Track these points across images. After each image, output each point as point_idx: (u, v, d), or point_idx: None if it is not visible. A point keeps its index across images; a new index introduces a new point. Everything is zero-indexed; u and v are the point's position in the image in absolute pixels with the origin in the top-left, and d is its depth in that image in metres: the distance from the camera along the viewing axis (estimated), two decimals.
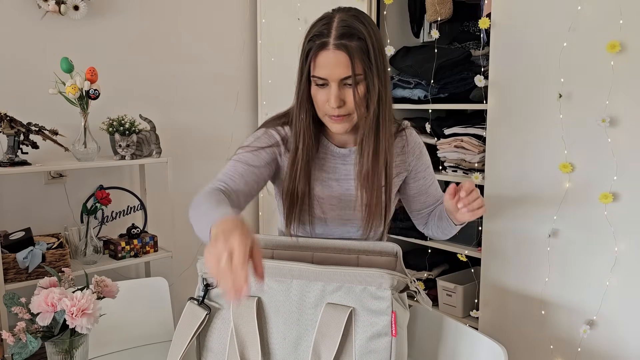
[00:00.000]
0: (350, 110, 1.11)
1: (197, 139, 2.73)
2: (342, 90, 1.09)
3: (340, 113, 1.11)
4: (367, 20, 1.10)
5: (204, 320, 1.06)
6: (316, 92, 1.12)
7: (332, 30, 1.07)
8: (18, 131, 1.96)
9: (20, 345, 1.08)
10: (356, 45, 1.06)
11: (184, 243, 2.66)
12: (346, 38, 1.06)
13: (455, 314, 2.26)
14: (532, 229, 1.91)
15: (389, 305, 0.99)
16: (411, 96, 2.34)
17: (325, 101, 1.11)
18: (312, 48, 1.08)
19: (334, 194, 1.23)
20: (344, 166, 1.24)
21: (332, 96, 1.08)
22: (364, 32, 1.07)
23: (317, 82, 1.10)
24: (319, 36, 1.08)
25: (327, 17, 1.11)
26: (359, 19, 1.09)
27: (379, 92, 1.10)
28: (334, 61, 1.06)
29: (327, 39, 1.06)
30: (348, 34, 1.06)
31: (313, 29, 1.10)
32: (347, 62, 1.06)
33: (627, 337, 1.72)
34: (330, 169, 1.24)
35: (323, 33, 1.07)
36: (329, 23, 1.08)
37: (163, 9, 2.54)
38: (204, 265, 1.07)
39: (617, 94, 1.68)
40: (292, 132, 1.19)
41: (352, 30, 1.06)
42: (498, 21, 1.95)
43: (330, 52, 1.06)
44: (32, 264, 1.93)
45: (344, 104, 1.10)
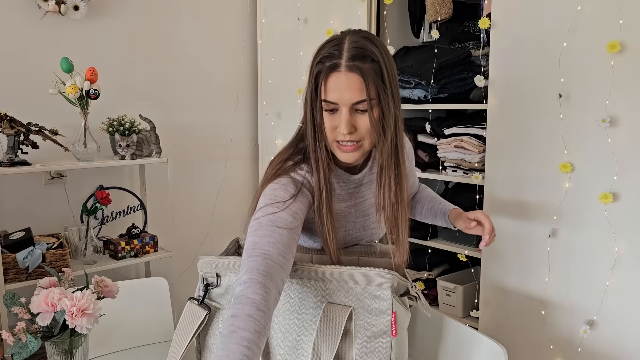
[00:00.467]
0: (362, 136, 1.03)
1: (197, 139, 2.73)
2: (354, 116, 1.01)
3: (352, 139, 1.03)
4: (379, 42, 1.04)
5: (204, 320, 1.06)
6: (325, 119, 1.04)
7: (344, 51, 0.99)
8: (18, 131, 1.96)
9: (20, 345, 1.08)
10: (369, 67, 0.99)
11: (184, 243, 2.66)
12: (359, 60, 0.99)
13: (455, 314, 2.26)
14: (532, 229, 1.91)
15: (389, 305, 0.99)
16: (411, 96, 2.34)
17: (334, 128, 1.03)
18: (321, 70, 1.01)
19: (349, 219, 1.16)
20: (355, 189, 1.16)
21: (343, 122, 1.00)
22: (377, 53, 1.00)
23: (327, 107, 1.02)
24: (329, 58, 1.00)
25: (336, 38, 1.04)
26: (371, 40, 1.03)
27: (395, 117, 1.03)
28: (346, 84, 0.99)
29: (339, 60, 0.99)
30: (361, 55, 0.99)
31: (322, 51, 1.03)
32: (361, 85, 0.98)
33: (627, 337, 1.72)
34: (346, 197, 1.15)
35: (334, 54, 1.00)
36: (340, 44, 1.01)
37: (163, 9, 2.54)
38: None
39: (617, 94, 1.68)
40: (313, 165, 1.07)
41: (365, 51, 1.00)
42: (498, 21, 1.95)
43: (342, 74, 0.99)
44: (32, 264, 1.93)
45: (355, 131, 1.02)
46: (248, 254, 0.94)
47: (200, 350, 1.09)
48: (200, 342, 1.09)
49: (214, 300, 1.08)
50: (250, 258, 0.93)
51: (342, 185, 1.13)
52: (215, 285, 1.07)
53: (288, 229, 0.98)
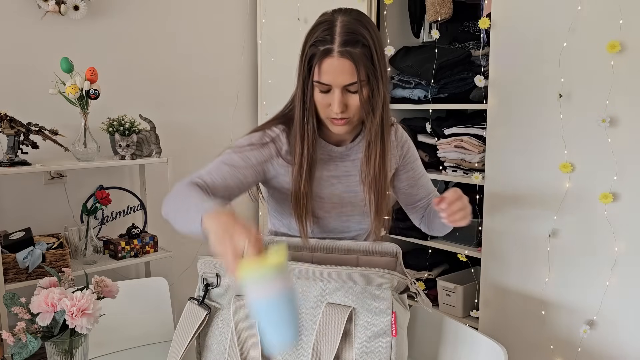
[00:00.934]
0: (352, 114, 1.11)
1: (197, 139, 2.73)
2: (345, 96, 1.09)
3: (343, 117, 1.11)
4: (370, 23, 1.10)
5: (204, 320, 1.06)
6: (318, 97, 1.12)
7: (336, 36, 1.05)
8: (18, 131, 1.96)
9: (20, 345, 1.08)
10: (360, 52, 1.05)
11: (184, 243, 2.66)
12: (350, 45, 1.05)
13: (455, 314, 2.26)
14: (532, 229, 1.91)
15: (389, 305, 0.99)
16: (411, 96, 2.34)
17: (327, 105, 1.11)
18: (315, 54, 1.07)
19: (335, 192, 1.23)
20: (342, 163, 1.24)
21: (336, 102, 1.08)
22: (367, 37, 1.06)
23: (321, 88, 1.10)
24: (322, 42, 1.06)
25: (328, 20, 1.09)
26: (362, 23, 1.08)
27: (383, 96, 1.11)
28: (339, 68, 1.06)
29: (331, 45, 1.05)
30: (352, 40, 1.05)
31: (314, 33, 1.09)
32: (352, 69, 1.05)
33: (627, 337, 1.72)
34: (331, 168, 1.23)
35: (326, 39, 1.06)
36: (331, 28, 1.07)
37: (163, 9, 2.54)
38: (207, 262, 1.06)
39: (617, 94, 1.68)
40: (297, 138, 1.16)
41: (356, 36, 1.06)
42: (498, 21, 1.95)
43: (334, 59, 1.05)
44: (32, 264, 1.93)
45: (347, 109, 1.11)
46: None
47: (200, 350, 1.09)
48: (200, 342, 1.09)
49: (213, 300, 1.08)
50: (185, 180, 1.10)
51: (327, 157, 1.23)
52: (215, 285, 1.07)
53: (230, 166, 1.13)
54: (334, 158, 1.23)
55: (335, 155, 1.23)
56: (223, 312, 1.07)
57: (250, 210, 2.95)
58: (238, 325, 1.04)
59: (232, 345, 1.04)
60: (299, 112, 1.15)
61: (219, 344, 1.06)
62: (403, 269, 1.13)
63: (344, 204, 1.23)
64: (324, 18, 1.10)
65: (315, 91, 1.12)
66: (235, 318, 1.04)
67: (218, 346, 1.06)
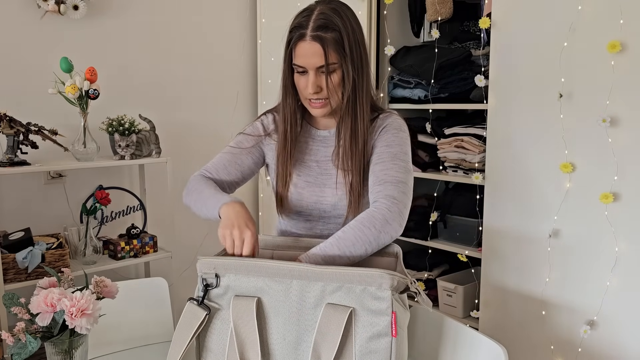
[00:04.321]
0: (327, 95, 1.20)
1: (197, 139, 2.73)
2: (319, 77, 1.18)
3: (319, 97, 1.20)
4: (346, 13, 1.19)
5: (204, 321, 1.06)
6: (297, 79, 1.22)
7: (310, 22, 1.16)
8: (17, 131, 1.96)
9: (19, 346, 1.07)
10: (330, 37, 1.15)
11: (184, 243, 2.66)
12: (322, 30, 1.15)
13: (456, 315, 2.26)
14: (533, 229, 1.91)
15: (389, 305, 0.98)
16: (411, 96, 2.34)
17: (304, 87, 1.20)
18: (292, 38, 1.19)
19: (311, 173, 1.30)
20: (325, 149, 1.31)
21: (310, 83, 1.18)
22: (339, 24, 1.16)
23: (298, 69, 1.20)
24: (299, 27, 1.18)
25: (308, 9, 1.20)
26: (338, 12, 1.17)
27: (353, 80, 1.19)
28: (310, 51, 1.16)
29: (305, 30, 1.16)
30: (324, 26, 1.15)
31: (295, 20, 1.21)
32: (321, 52, 1.15)
33: (627, 337, 1.71)
34: (312, 151, 1.31)
35: (302, 25, 1.17)
36: (309, 15, 1.18)
37: (163, 9, 2.53)
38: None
39: (617, 94, 1.67)
40: (280, 117, 1.29)
41: (327, 22, 1.15)
42: (498, 21, 1.94)
43: (307, 43, 1.16)
44: (32, 264, 1.93)
45: (321, 90, 1.19)
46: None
47: (199, 351, 1.09)
48: (200, 343, 1.08)
49: (213, 300, 1.07)
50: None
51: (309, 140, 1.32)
52: (215, 285, 1.07)
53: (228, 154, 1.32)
54: (315, 142, 1.31)
55: (317, 138, 1.31)
56: (222, 312, 1.07)
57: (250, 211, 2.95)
58: (237, 326, 1.04)
59: (232, 345, 1.04)
60: (282, 93, 1.27)
61: (218, 344, 1.06)
62: (403, 269, 1.12)
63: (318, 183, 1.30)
64: (306, 7, 1.21)
65: (296, 75, 1.21)
66: (234, 319, 1.04)
67: (217, 347, 1.06)
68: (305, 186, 1.30)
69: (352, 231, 1.10)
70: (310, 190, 1.30)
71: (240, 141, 1.34)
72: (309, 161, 1.31)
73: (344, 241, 1.09)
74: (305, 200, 1.31)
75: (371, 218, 1.11)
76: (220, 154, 1.34)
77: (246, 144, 1.33)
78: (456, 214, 2.30)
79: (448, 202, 2.35)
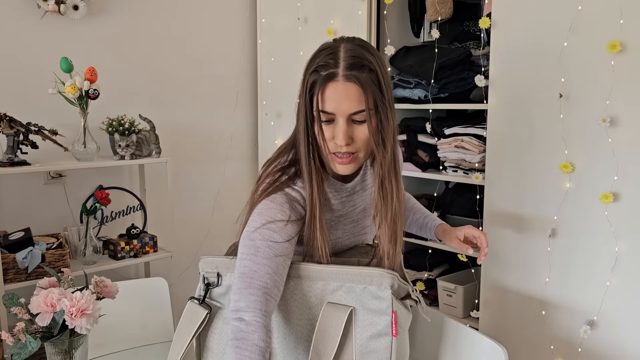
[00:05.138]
0: (359, 148, 1.02)
1: (197, 139, 2.72)
2: (350, 127, 0.99)
3: (348, 151, 1.01)
4: (374, 50, 1.03)
5: (205, 320, 1.06)
6: (323, 128, 1.01)
7: (340, 60, 0.97)
8: (17, 131, 1.96)
9: (19, 346, 1.07)
10: (367, 77, 0.97)
11: (184, 243, 2.66)
12: (356, 69, 0.96)
13: (456, 315, 2.26)
14: (533, 229, 1.91)
15: (389, 305, 0.98)
16: (411, 96, 2.34)
17: (331, 138, 1.01)
18: (317, 80, 0.98)
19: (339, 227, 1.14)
20: (347, 197, 1.14)
21: (341, 133, 0.98)
22: (374, 62, 0.98)
23: (324, 117, 1.00)
24: (325, 67, 0.97)
25: (331, 47, 1.01)
26: (367, 49, 1.01)
27: (393, 126, 1.02)
28: (344, 94, 0.96)
29: (336, 69, 0.96)
30: (359, 65, 0.97)
31: (317, 59, 1.00)
32: (360, 94, 0.96)
33: (627, 337, 1.71)
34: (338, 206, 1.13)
35: (329, 64, 0.97)
36: (335, 53, 0.98)
37: (163, 8, 2.53)
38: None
39: (617, 94, 1.67)
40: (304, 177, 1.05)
41: (362, 60, 0.97)
42: (498, 21, 1.94)
43: (339, 83, 0.96)
44: (32, 264, 1.93)
45: (352, 142, 1.00)
46: (247, 284, 0.94)
47: (200, 351, 1.09)
48: (201, 342, 1.08)
49: (214, 299, 1.07)
50: (249, 289, 0.94)
51: (335, 195, 1.11)
52: (216, 284, 1.07)
53: (284, 256, 0.99)
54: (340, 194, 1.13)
55: (342, 191, 1.13)
56: (224, 311, 1.06)
57: None
58: None
59: None
60: (304, 148, 1.03)
61: (219, 344, 1.06)
62: (405, 274, 1.12)
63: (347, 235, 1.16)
64: (326, 45, 1.02)
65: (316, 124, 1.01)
66: None
67: (218, 346, 1.06)
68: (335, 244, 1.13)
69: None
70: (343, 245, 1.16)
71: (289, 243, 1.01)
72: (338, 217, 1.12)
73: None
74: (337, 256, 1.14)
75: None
76: (270, 258, 0.97)
77: (292, 232, 1.02)
78: (456, 214, 2.30)
79: (448, 202, 2.35)
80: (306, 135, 1.02)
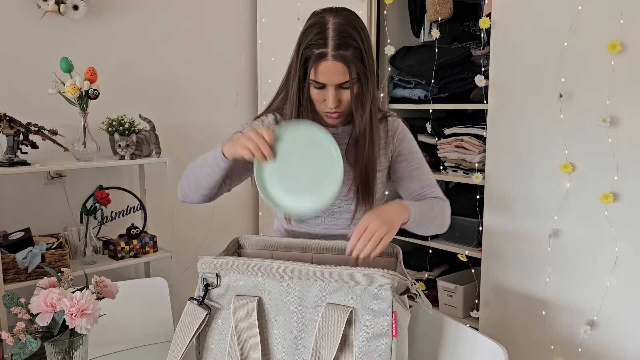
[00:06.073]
0: (345, 107, 1.23)
1: (197, 139, 2.72)
2: (339, 92, 1.20)
3: (337, 110, 1.22)
4: (359, 23, 1.19)
5: (204, 321, 1.06)
6: (314, 92, 1.22)
7: (329, 39, 1.15)
8: (17, 131, 1.96)
9: (19, 346, 1.07)
10: (352, 54, 1.15)
11: (184, 243, 2.66)
12: (343, 48, 1.15)
13: (456, 315, 2.26)
14: (533, 229, 1.91)
15: (390, 305, 0.98)
16: (411, 96, 2.34)
17: (322, 100, 1.22)
18: (310, 56, 1.17)
19: None
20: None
21: (330, 98, 1.19)
22: (357, 39, 1.16)
23: (316, 85, 1.20)
24: (316, 46, 1.16)
25: (319, 23, 1.18)
26: (352, 24, 1.17)
27: (372, 91, 1.22)
28: (333, 70, 1.16)
29: (325, 49, 1.15)
30: (345, 44, 1.15)
31: (308, 36, 1.18)
32: (345, 70, 1.16)
33: (627, 337, 1.71)
34: None
35: (319, 43, 1.16)
36: (324, 31, 1.16)
37: (163, 8, 2.53)
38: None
39: (617, 94, 1.67)
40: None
41: (347, 40, 1.15)
42: (498, 21, 1.94)
43: (329, 62, 1.15)
44: (32, 264, 1.93)
45: (339, 104, 1.22)
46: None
47: (200, 351, 1.09)
48: (200, 343, 1.08)
49: (213, 300, 1.07)
50: None
51: None
52: (215, 285, 1.07)
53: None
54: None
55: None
56: (223, 312, 1.07)
57: (250, 211, 2.95)
58: (238, 326, 1.04)
59: (232, 345, 1.04)
60: (294, 109, 1.25)
61: (218, 344, 1.06)
62: (404, 270, 1.12)
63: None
64: (315, 20, 1.19)
65: (310, 88, 1.22)
66: (235, 318, 1.04)
67: (218, 346, 1.06)
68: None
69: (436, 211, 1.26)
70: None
71: None
72: None
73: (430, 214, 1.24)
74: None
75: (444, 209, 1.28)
76: None
77: None
78: (456, 214, 2.30)
79: None
80: (298, 97, 1.23)
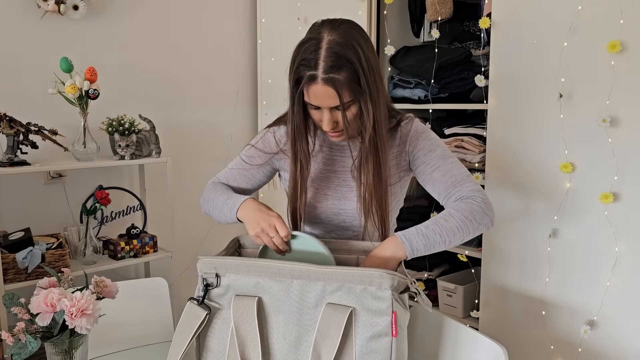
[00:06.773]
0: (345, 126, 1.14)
1: (197, 139, 2.73)
2: (335, 114, 1.13)
3: (336, 130, 1.17)
4: (357, 39, 1.09)
5: (204, 321, 1.06)
6: (312, 112, 1.17)
7: (320, 60, 1.07)
8: (17, 131, 1.96)
9: (19, 346, 1.07)
10: (344, 78, 1.07)
11: (184, 243, 2.66)
12: (334, 71, 1.06)
13: (456, 315, 2.26)
14: (533, 229, 1.91)
15: (389, 305, 0.98)
16: (411, 96, 2.34)
17: (319, 120, 1.16)
18: (301, 77, 1.10)
19: (330, 185, 1.27)
20: (342, 158, 1.28)
21: (325, 121, 1.14)
22: (353, 59, 1.07)
23: (311, 107, 1.15)
24: (307, 67, 1.08)
25: (314, 39, 1.10)
26: (349, 42, 1.08)
27: (373, 116, 1.12)
28: (324, 94, 1.09)
29: (315, 72, 1.07)
30: (336, 66, 1.06)
31: (301, 53, 1.11)
32: (335, 95, 1.08)
33: (628, 337, 1.71)
34: (329, 161, 1.28)
35: (311, 64, 1.08)
36: (317, 50, 1.08)
37: (163, 8, 2.53)
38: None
39: (617, 94, 1.67)
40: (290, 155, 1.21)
41: (340, 61, 1.06)
42: (498, 21, 1.94)
43: (319, 86, 1.08)
44: (32, 264, 1.93)
45: (337, 125, 1.15)
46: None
47: (200, 351, 1.09)
48: (200, 342, 1.08)
49: (213, 300, 1.07)
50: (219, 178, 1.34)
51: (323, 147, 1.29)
52: (215, 285, 1.07)
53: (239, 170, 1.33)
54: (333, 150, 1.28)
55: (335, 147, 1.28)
56: (223, 312, 1.07)
57: None
58: (238, 326, 1.04)
59: (232, 345, 1.04)
60: (291, 132, 1.19)
61: (218, 344, 1.06)
62: (403, 269, 1.12)
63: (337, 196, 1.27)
64: (311, 36, 1.11)
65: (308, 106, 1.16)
66: (235, 318, 1.04)
67: (218, 346, 1.06)
68: (324, 199, 1.27)
69: (454, 220, 1.13)
70: (329, 203, 1.27)
71: (252, 156, 1.31)
72: (327, 172, 1.28)
73: (446, 230, 1.12)
74: (324, 212, 1.28)
75: (472, 210, 1.14)
76: (231, 168, 1.33)
77: (258, 160, 1.30)
78: None
79: None
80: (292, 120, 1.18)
